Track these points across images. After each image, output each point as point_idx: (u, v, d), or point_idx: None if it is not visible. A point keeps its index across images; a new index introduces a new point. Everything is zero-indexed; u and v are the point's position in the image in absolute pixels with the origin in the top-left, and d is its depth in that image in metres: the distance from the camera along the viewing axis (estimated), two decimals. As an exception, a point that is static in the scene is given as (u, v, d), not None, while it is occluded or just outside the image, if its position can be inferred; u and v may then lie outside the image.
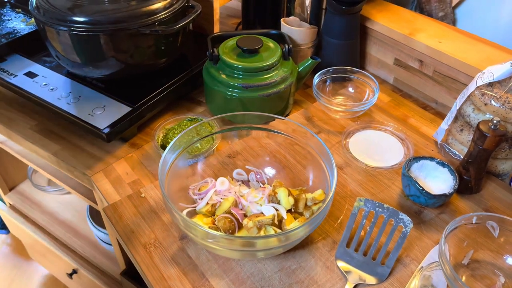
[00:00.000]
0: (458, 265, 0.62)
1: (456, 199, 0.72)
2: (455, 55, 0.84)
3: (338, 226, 0.68)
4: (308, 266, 0.62)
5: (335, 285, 0.60)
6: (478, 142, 0.67)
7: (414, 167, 0.73)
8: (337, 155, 0.81)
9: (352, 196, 0.73)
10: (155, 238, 0.65)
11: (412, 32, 0.91)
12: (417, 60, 0.92)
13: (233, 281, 0.60)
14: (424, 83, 0.93)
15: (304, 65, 0.88)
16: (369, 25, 0.98)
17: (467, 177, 0.71)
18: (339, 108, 0.87)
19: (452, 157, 0.80)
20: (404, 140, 0.83)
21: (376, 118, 0.89)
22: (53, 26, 0.77)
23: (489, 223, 0.61)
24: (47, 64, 0.91)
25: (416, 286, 0.60)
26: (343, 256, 0.63)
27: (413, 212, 0.70)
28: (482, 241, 0.62)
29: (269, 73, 0.83)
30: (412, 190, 0.69)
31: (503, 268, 0.61)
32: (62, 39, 0.79)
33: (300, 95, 0.96)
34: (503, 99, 0.69)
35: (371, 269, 0.61)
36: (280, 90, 0.84)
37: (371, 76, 0.90)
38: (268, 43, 0.87)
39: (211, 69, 0.85)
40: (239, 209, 0.64)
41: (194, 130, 0.72)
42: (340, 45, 0.97)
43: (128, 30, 0.77)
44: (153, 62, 0.86)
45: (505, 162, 0.75)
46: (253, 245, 0.57)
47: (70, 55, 0.81)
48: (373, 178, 0.76)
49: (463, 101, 0.75)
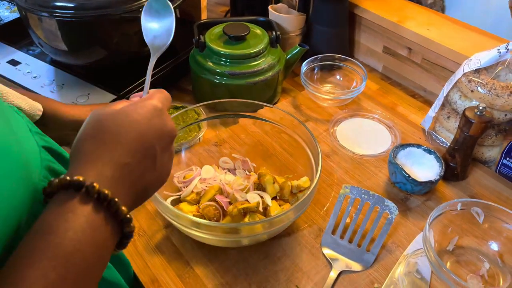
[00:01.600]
0: (443, 251, 0.62)
1: (442, 186, 0.72)
2: (443, 43, 0.83)
3: (324, 213, 0.67)
4: (294, 254, 0.62)
5: (320, 272, 0.60)
6: (464, 128, 0.67)
7: (400, 154, 0.73)
8: (324, 143, 0.80)
9: (338, 183, 0.72)
10: (140, 227, 0.65)
11: (401, 20, 0.91)
12: (406, 47, 0.92)
13: (217, 269, 0.60)
14: (412, 71, 0.93)
15: (292, 52, 0.87)
16: (358, 13, 0.97)
17: (453, 164, 0.71)
18: (327, 96, 0.86)
19: (439, 145, 0.80)
20: (391, 127, 0.83)
21: (364, 106, 0.89)
22: (35, 12, 0.75)
23: (474, 209, 0.61)
24: (31, 51, 0.90)
25: (401, 272, 0.60)
26: (328, 243, 0.63)
27: (399, 199, 0.70)
28: (467, 227, 0.62)
29: (256, 60, 0.82)
30: (398, 177, 0.69)
31: (488, 254, 0.61)
32: (45, 25, 0.77)
33: (289, 84, 0.95)
34: (490, 85, 0.69)
35: (357, 256, 0.61)
36: (267, 77, 0.83)
37: (359, 64, 0.90)
38: (256, 30, 0.86)
39: (198, 57, 0.84)
40: (224, 197, 0.64)
41: (180, 118, 0.71)
42: (328, 33, 0.96)
43: (112, 16, 0.75)
44: (138, 49, 0.84)
45: (492, 149, 0.75)
46: (237, 232, 0.57)
47: (53, 42, 0.79)
48: (360, 166, 0.76)
49: (450, 88, 0.75)
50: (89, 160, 0.34)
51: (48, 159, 0.39)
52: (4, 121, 0.34)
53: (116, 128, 0.36)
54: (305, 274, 0.59)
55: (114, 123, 0.36)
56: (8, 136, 0.33)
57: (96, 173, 0.33)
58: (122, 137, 0.35)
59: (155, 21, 0.48)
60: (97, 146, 0.35)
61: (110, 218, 0.33)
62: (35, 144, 0.39)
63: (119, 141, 0.35)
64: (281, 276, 0.59)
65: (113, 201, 0.33)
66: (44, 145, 0.40)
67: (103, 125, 0.36)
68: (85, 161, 0.34)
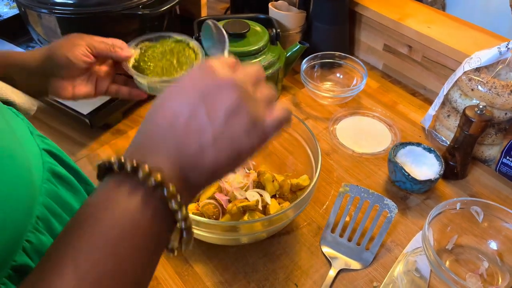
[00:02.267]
0: (442, 250, 0.62)
1: (442, 185, 0.72)
2: (444, 41, 0.83)
3: (324, 212, 0.67)
4: (293, 252, 0.62)
5: (319, 270, 0.60)
6: (464, 127, 0.67)
7: (400, 153, 0.73)
8: (324, 141, 0.80)
9: (338, 182, 0.72)
10: (139, 224, 0.64)
11: (401, 17, 0.90)
12: (406, 45, 0.91)
13: (217, 267, 0.60)
14: (413, 69, 0.92)
15: (292, 50, 0.87)
16: (359, 10, 0.97)
17: (453, 162, 0.71)
18: (327, 94, 0.86)
19: (439, 143, 0.80)
20: (391, 126, 0.83)
21: (364, 104, 0.88)
22: (35, 8, 0.75)
23: (473, 208, 0.61)
24: (30, 48, 0.89)
25: (400, 271, 0.60)
26: (327, 241, 0.63)
27: (399, 197, 0.70)
28: (466, 226, 0.62)
29: (256, 57, 0.82)
30: (398, 175, 0.69)
31: (487, 253, 0.61)
32: (44, 22, 0.77)
33: (289, 81, 0.95)
34: (490, 84, 0.68)
35: (356, 255, 0.61)
36: (267, 75, 0.83)
37: (359, 61, 0.89)
38: (255, 28, 0.86)
39: (197, 54, 0.84)
40: (223, 195, 0.63)
41: (174, 54, 0.63)
42: (329, 30, 0.95)
43: (111, 12, 0.75)
44: (138, 47, 0.84)
45: (492, 148, 0.74)
46: (236, 230, 0.57)
47: (52, 38, 0.79)
48: (360, 164, 0.76)
49: (450, 87, 0.75)
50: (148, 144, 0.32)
51: (50, 162, 0.39)
52: (7, 125, 0.34)
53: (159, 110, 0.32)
54: (304, 272, 0.59)
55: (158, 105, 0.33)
56: (12, 140, 0.33)
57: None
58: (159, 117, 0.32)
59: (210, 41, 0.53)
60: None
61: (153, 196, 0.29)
62: (36, 147, 0.39)
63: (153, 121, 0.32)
64: (280, 274, 0.59)
65: (158, 174, 0.29)
66: (45, 148, 0.40)
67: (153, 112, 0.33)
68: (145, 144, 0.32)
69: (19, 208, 0.31)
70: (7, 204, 0.29)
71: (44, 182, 0.36)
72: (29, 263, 0.32)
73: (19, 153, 0.33)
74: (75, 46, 0.56)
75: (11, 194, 0.30)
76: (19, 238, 0.31)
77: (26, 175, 0.33)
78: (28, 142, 0.38)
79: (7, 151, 0.31)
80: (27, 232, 0.32)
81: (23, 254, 0.32)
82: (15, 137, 0.34)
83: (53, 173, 0.38)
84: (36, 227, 0.33)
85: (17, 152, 0.32)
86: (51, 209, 0.36)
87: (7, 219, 0.29)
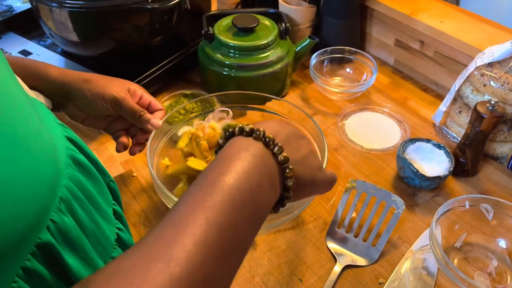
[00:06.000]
0: (451, 248, 0.61)
1: (452, 182, 0.71)
2: (456, 36, 0.81)
3: (330, 207, 0.67)
4: (298, 247, 0.61)
5: (325, 266, 0.59)
6: (475, 123, 0.66)
7: (409, 149, 0.72)
8: (332, 137, 0.79)
9: (345, 178, 0.72)
10: (145, 217, 0.65)
11: (413, 12, 0.89)
12: (418, 40, 0.90)
13: (222, 260, 0.60)
14: (425, 64, 0.91)
15: (301, 45, 0.86)
16: (370, 5, 0.96)
17: (464, 159, 0.70)
18: (337, 89, 0.85)
19: (450, 140, 0.78)
20: (401, 122, 0.82)
21: (374, 100, 0.87)
22: (46, 3, 0.76)
23: (483, 206, 0.60)
24: (42, 42, 0.90)
25: (407, 268, 0.59)
26: (333, 237, 0.62)
27: (407, 194, 0.69)
28: (475, 224, 0.61)
29: (265, 52, 0.81)
30: (406, 172, 0.68)
31: (496, 251, 0.60)
32: (55, 16, 0.78)
33: (298, 76, 0.94)
34: (503, 80, 0.67)
35: (362, 251, 0.61)
36: (276, 70, 0.82)
37: (369, 56, 0.88)
38: (265, 22, 0.86)
39: (207, 48, 0.84)
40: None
41: (195, 104, 0.72)
42: (339, 25, 0.95)
43: (121, 6, 0.76)
44: (147, 41, 0.85)
45: (504, 145, 0.73)
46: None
47: (63, 33, 0.80)
48: (368, 160, 0.75)
49: (462, 82, 0.73)
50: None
51: (71, 149, 0.40)
52: (33, 110, 0.35)
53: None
54: (309, 267, 0.59)
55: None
56: (38, 122, 0.34)
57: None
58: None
59: None
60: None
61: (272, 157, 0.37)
62: (60, 133, 0.40)
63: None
64: (284, 269, 0.59)
65: (276, 144, 0.37)
66: (67, 136, 0.41)
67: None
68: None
69: (44, 184, 0.32)
70: (33, 178, 0.30)
71: (67, 167, 0.37)
72: (52, 242, 0.33)
73: (45, 134, 0.34)
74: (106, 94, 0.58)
75: (37, 168, 0.31)
76: (43, 215, 0.32)
77: (52, 153, 0.34)
78: (53, 128, 0.39)
79: (35, 127, 0.33)
80: (51, 211, 0.33)
81: (47, 233, 0.32)
82: (40, 121, 0.35)
83: (74, 160, 0.39)
84: (59, 207, 0.34)
85: (43, 132, 0.34)
86: (73, 192, 0.37)
87: (32, 193, 0.30)
